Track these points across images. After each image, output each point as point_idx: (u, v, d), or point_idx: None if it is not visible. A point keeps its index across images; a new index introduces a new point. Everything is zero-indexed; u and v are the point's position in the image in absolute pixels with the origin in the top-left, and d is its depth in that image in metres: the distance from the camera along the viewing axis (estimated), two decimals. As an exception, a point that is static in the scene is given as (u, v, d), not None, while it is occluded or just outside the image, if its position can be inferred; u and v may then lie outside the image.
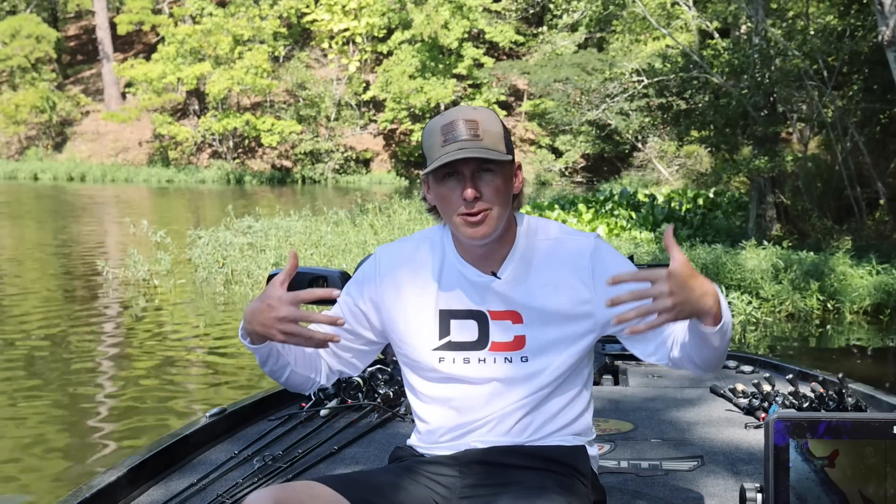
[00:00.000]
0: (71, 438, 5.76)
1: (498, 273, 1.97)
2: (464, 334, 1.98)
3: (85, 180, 37.03)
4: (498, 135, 1.90)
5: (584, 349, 2.01)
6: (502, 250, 1.98)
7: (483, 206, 1.88)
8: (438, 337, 1.99)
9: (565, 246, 1.99)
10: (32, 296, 11.24)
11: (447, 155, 1.86)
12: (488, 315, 1.97)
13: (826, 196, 13.82)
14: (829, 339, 9.06)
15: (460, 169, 1.88)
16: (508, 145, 1.93)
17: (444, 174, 1.90)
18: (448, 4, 35.54)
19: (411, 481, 1.96)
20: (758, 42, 13.93)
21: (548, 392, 1.98)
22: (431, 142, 1.90)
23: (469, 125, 1.88)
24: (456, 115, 1.90)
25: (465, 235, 1.92)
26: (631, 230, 13.89)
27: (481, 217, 1.88)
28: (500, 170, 1.90)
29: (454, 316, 1.99)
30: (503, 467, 1.96)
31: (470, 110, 1.91)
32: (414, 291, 2.02)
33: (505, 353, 1.97)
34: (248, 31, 38.30)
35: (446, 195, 1.91)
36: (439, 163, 1.86)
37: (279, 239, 13.44)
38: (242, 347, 8.37)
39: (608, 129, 27.67)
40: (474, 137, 1.87)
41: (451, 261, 2.01)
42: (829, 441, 1.55)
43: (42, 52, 40.66)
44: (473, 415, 1.99)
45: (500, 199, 1.90)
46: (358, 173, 38.11)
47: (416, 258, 2.04)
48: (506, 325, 1.97)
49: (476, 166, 1.88)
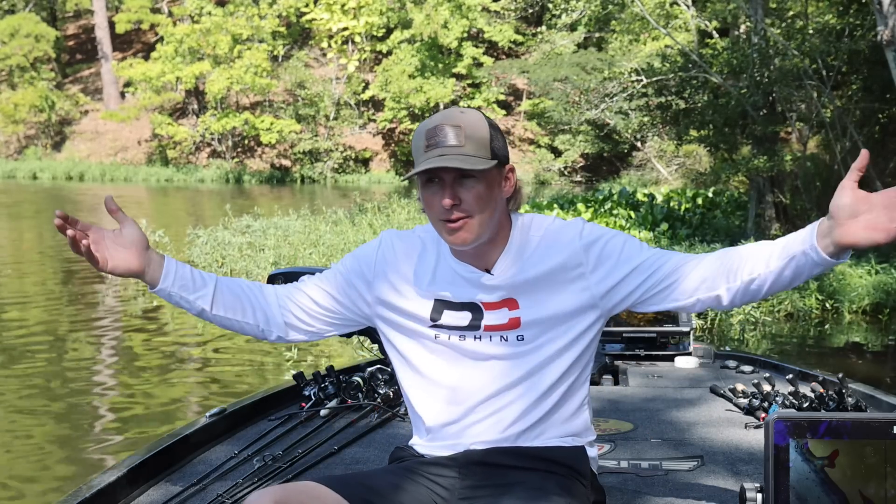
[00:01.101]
0: (70, 438, 5.75)
1: (492, 270, 1.98)
2: (457, 320, 2.00)
3: (84, 180, 37.02)
4: (482, 140, 1.89)
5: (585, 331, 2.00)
6: (495, 250, 1.99)
7: (461, 214, 1.89)
8: (431, 319, 2.01)
9: (556, 234, 2.00)
10: (31, 295, 11.24)
11: (427, 161, 1.87)
12: (482, 306, 1.99)
13: (825, 195, 13.80)
14: (828, 339, 9.07)
15: (441, 175, 1.89)
16: (496, 150, 1.92)
17: (427, 179, 1.91)
18: (447, 4, 35.55)
19: (411, 482, 1.97)
20: (757, 41, 13.94)
21: (544, 381, 1.98)
22: (417, 145, 1.92)
23: (454, 131, 1.88)
24: (441, 120, 1.91)
25: (447, 241, 1.94)
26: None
27: (460, 224, 1.89)
28: (483, 176, 1.90)
29: (448, 307, 2.00)
30: (503, 468, 1.97)
31: (457, 114, 1.91)
32: (410, 278, 2.04)
33: (501, 333, 1.98)
34: (247, 31, 38.30)
35: (429, 200, 1.92)
36: (419, 169, 1.88)
37: (278, 238, 13.44)
38: (242, 347, 8.37)
39: (607, 128, 27.68)
40: (457, 144, 1.87)
41: (445, 257, 2.02)
42: (830, 441, 1.56)
43: (41, 51, 40.65)
44: (470, 400, 1.99)
45: (482, 206, 1.90)
46: (357, 173, 38.11)
47: (416, 249, 2.06)
48: (501, 312, 1.98)
49: (457, 173, 1.88)
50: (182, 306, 2.02)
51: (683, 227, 14.10)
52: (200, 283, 2.02)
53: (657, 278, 1.95)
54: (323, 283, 2.11)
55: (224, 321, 2.06)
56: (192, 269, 2.03)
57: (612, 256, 1.96)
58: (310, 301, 2.10)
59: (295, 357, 7.55)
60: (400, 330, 2.06)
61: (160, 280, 1.98)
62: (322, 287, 2.10)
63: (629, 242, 1.99)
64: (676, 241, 12.83)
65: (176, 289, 1.99)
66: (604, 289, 1.97)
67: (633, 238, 2.02)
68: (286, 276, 3.22)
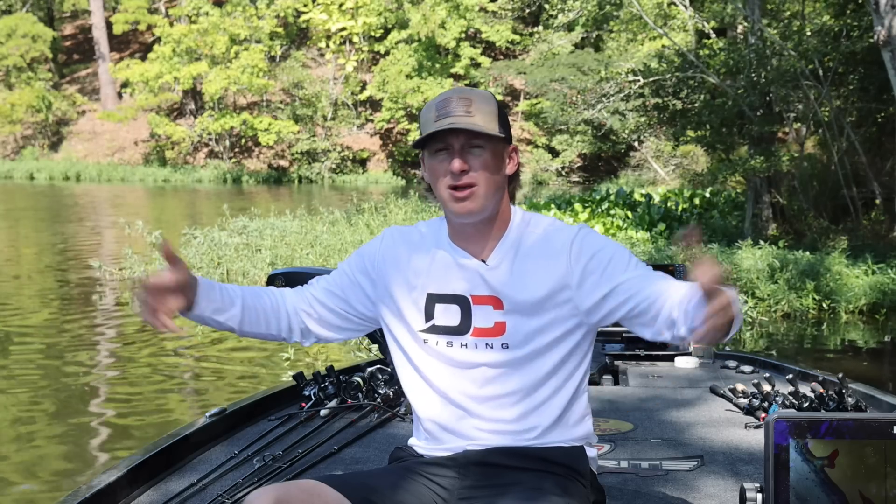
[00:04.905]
0: (69, 439, 5.74)
1: (487, 260, 1.99)
2: (447, 318, 2.00)
3: (81, 180, 36.96)
4: (491, 113, 1.94)
5: (572, 340, 2.00)
6: (494, 237, 2.00)
7: (469, 180, 1.91)
8: (424, 320, 2.02)
9: (552, 237, 2.00)
10: (29, 296, 11.23)
11: (437, 126, 1.90)
12: (470, 300, 1.99)
13: (822, 196, 13.84)
14: (825, 339, 9.07)
15: (450, 142, 1.92)
16: (504, 125, 1.96)
17: (437, 149, 1.94)
18: (445, 4, 35.52)
19: (411, 482, 1.97)
20: (754, 42, 13.95)
21: (539, 386, 1.98)
22: (427, 118, 1.95)
23: (463, 102, 1.92)
24: (451, 94, 1.95)
25: (453, 211, 1.95)
26: (627, 230, 13.90)
27: (468, 193, 1.91)
28: (491, 146, 1.94)
29: (439, 300, 2.01)
30: (502, 469, 1.97)
31: (466, 90, 1.96)
32: (408, 274, 2.05)
33: (486, 339, 1.98)
34: (244, 31, 38.24)
35: (436, 168, 1.95)
36: (428, 132, 1.91)
37: (275, 239, 13.42)
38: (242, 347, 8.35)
39: (604, 128, 27.68)
40: (466, 114, 1.91)
41: (444, 246, 2.03)
42: (830, 441, 1.56)
43: (38, 51, 40.56)
44: (466, 404, 1.99)
45: (488, 174, 1.93)
46: (354, 173, 38.06)
47: (416, 243, 2.08)
48: (487, 310, 1.98)
49: (465, 140, 1.91)
50: (209, 325, 2.02)
51: (680, 227, 14.10)
52: (229, 303, 2.00)
53: (631, 306, 1.93)
54: (331, 285, 2.12)
55: (249, 335, 2.08)
56: (221, 287, 2.00)
57: (595, 272, 1.95)
58: (320, 305, 2.10)
59: (294, 357, 7.55)
60: (397, 332, 2.07)
61: (194, 306, 1.95)
62: (330, 289, 2.11)
63: (615, 259, 1.96)
64: (673, 241, 12.84)
65: (208, 313, 1.98)
66: (587, 305, 1.97)
67: (623, 253, 1.98)
68: (286, 276, 3.22)
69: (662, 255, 10.72)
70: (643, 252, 11.13)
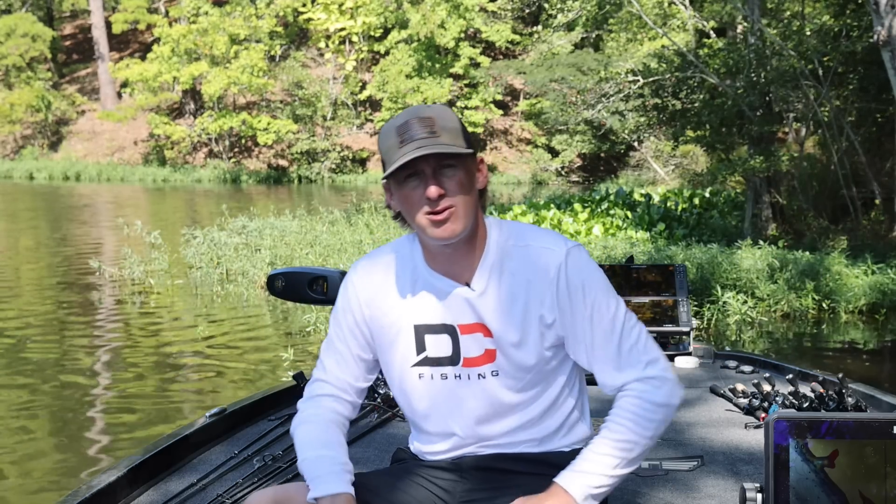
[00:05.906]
0: (69, 439, 5.75)
1: (471, 284, 1.93)
2: (439, 349, 1.95)
3: (80, 180, 36.97)
4: (455, 130, 1.85)
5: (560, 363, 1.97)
6: (472, 257, 1.93)
7: (448, 203, 1.83)
8: (416, 352, 1.96)
9: (535, 258, 1.93)
10: (28, 296, 11.23)
11: (405, 155, 1.81)
12: (458, 329, 1.93)
13: (822, 196, 13.85)
14: (825, 339, 9.08)
15: (421, 168, 1.83)
16: (467, 139, 1.88)
17: (406, 175, 1.84)
18: (444, 4, 35.53)
19: (412, 483, 1.97)
20: (754, 42, 13.95)
21: (534, 401, 1.97)
22: (388, 144, 1.86)
23: (424, 123, 1.83)
24: (410, 115, 1.86)
25: (432, 237, 1.86)
26: (627, 230, 13.90)
27: (447, 215, 1.83)
28: (462, 164, 1.85)
29: (428, 331, 1.95)
30: (503, 472, 1.97)
31: (424, 108, 1.87)
32: (389, 310, 1.98)
33: (478, 369, 1.94)
34: (244, 31, 38.24)
35: (409, 196, 1.85)
36: (398, 164, 1.81)
37: (274, 238, 13.43)
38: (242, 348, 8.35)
39: (604, 129, 27.70)
40: (431, 135, 1.82)
41: (422, 273, 1.96)
42: (830, 441, 1.56)
43: (37, 51, 40.58)
44: (463, 427, 1.98)
45: (465, 193, 1.85)
46: (354, 173, 38.06)
47: (387, 274, 2.00)
48: (476, 338, 1.93)
49: (436, 163, 1.82)
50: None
51: (680, 227, 14.11)
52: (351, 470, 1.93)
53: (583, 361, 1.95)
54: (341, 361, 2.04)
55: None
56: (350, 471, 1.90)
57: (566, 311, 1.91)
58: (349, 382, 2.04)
59: (294, 357, 7.55)
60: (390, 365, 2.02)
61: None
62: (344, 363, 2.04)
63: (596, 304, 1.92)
64: (673, 241, 12.85)
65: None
66: (563, 335, 1.94)
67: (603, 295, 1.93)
68: (285, 277, 3.22)
69: (662, 255, 10.71)
70: (643, 251, 11.12)
